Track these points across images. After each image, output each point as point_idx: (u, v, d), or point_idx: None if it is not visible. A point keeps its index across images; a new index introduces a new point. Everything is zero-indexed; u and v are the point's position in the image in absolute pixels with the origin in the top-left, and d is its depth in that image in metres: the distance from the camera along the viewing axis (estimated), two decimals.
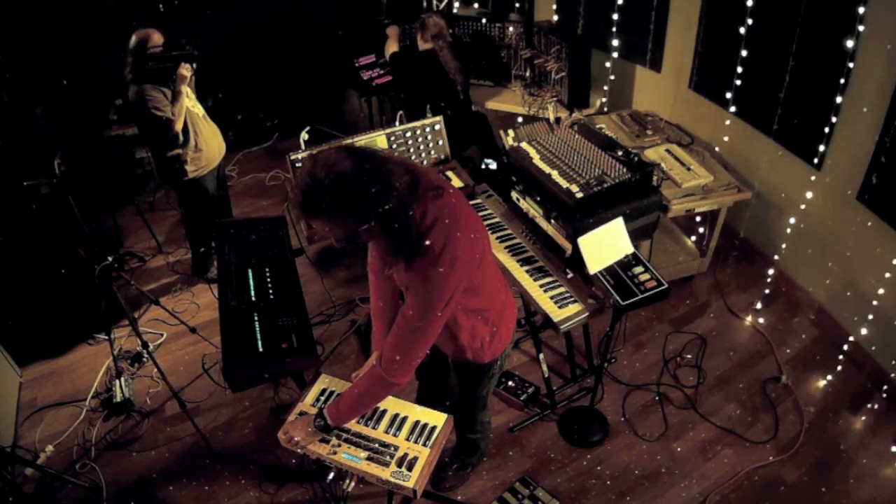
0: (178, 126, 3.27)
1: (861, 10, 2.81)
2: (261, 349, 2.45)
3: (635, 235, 2.70)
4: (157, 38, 3.17)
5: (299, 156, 3.02)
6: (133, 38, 3.15)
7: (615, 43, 4.45)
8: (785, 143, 3.46)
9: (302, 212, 1.67)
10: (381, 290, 2.16)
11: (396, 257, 1.77)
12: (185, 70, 3.19)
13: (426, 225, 1.73)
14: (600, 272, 2.52)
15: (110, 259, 2.80)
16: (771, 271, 3.69)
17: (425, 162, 3.30)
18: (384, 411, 2.13)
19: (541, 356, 3.04)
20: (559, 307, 2.57)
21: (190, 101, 3.37)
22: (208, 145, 3.51)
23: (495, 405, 3.15)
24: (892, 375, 3.10)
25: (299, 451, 2.04)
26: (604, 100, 4.62)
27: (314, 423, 2.01)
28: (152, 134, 3.33)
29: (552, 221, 2.80)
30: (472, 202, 3.09)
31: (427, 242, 1.72)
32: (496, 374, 2.30)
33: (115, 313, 3.49)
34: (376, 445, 2.02)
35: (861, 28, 2.85)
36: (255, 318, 2.57)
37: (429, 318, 1.81)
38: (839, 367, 3.29)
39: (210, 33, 5.07)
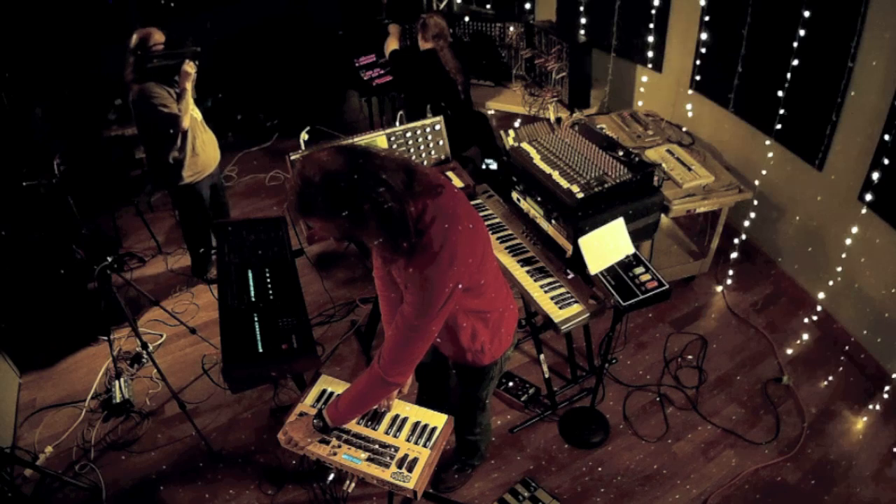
0: (186, 123, 3.24)
1: (862, 9, 2.81)
2: (261, 350, 2.45)
3: (636, 236, 2.69)
4: (158, 37, 3.15)
5: (299, 156, 3.01)
6: (134, 37, 3.13)
7: (616, 43, 4.45)
8: (786, 143, 3.45)
9: (297, 212, 1.67)
10: (389, 298, 2.15)
11: (395, 255, 1.77)
12: (190, 67, 3.17)
13: (425, 222, 1.72)
14: (601, 273, 2.51)
15: (109, 259, 2.80)
16: (772, 272, 3.68)
17: (425, 162, 3.29)
18: (384, 412, 2.12)
19: (541, 357, 3.03)
20: (560, 308, 2.56)
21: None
22: (205, 151, 3.49)
23: (496, 406, 3.15)
24: (894, 376, 3.09)
25: (299, 452, 2.03)
26: (604, 100, 4.61)
27: (313, 423, 2.00)
28: (154, 134, 3.30)
29: (553, 222, 2.79)
30: (472, 202, 3.08)
31: (426, 240, 1.71)
32: (496, 377, 2.30)
33: (115, 314, 3.48)
34: (376, 446, 2.01)
35: (862, 28, 2.84)
36: (255, 319, 2.56)
37: (427, 317, 1.80)
38: (840, 368, 3.28)
39: (210, 33, 5.07)
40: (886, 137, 2.82)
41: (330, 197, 1.60)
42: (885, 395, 3.10)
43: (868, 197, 3.01)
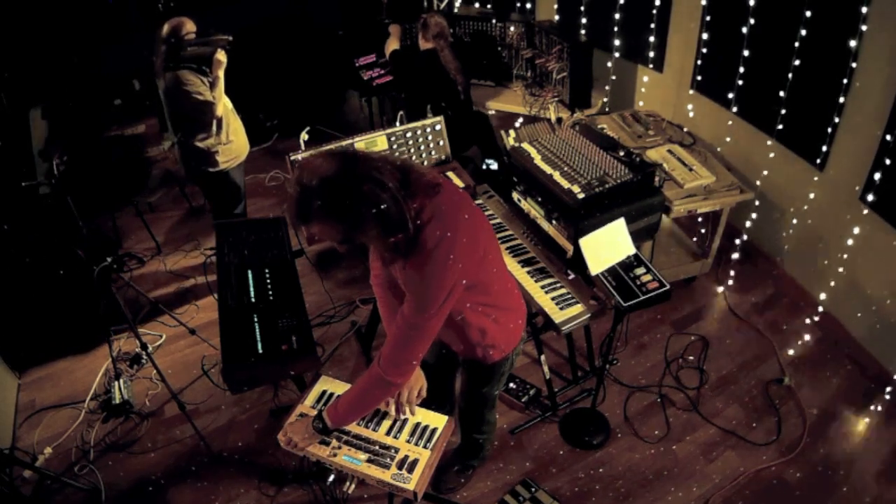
0: (220, 110, 3.26)
1: (864, 9, 2.80)
2: (260, 351, 2.44)
3: (637, 236, 2.68)
4: (190, 26, 3.17)
5: (299, 156, 3.01)
6: (166, 27, 3.13)
7: (617, 43, 4.44)
8: (787, 143, 3.45)
9: (296, 219, 1.67)
10: (389, 302, 2.16)
11: (394, 254, 1.77)
12: (222, 55, 3.20)
13: (422, 221, 1.72)
14: (602, 273, 2.50)
15: (109, 260, 2.79)
16: (773, 272, 3.67)
17: (426, 162, 3.28)
18: (385, 413, 2.12)
19: (542, 358, 3.02)
20: (560, 308, 2.56)
21: None
22: (238, 137, 3.52)
23: (497, 407, 3.13)
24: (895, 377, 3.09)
25: (299, 453, 2.02)
26: (605, 100, 4.61)
27: (313, 425, 2.00)
28: (188, 121, 3.30)
29: (553, 222, 2.79)
30: None
31: (423, 238, 1.71)
32: (506, 373, 2.29)
33: (115, 314, 3.47)
34: (377, 447, 2.00)
35: (864, 27, 2.83)
36: (255, 320, 2.55)
37: (426, 315, 1.79)
38: (842, 369, 3.28)
39: (209, 33, 5.06)
40: (888, 138, 2.81)
41: (327, 200, 1.61)
42: (887, 396, 3.09)
43: (870, 197, 3.00)
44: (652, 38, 4.18)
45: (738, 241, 3.88)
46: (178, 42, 3.12)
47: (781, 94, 3.33)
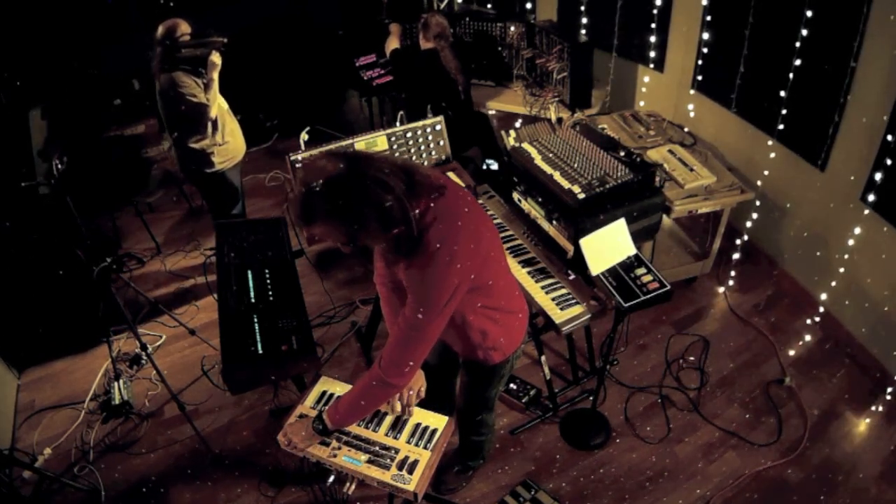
0: (214, 112, 3.26)
1: (865, 9, 2.79)
2: (260, 351, 2.43)
3: (638, 236, 2.68)
4: (184, 28, 3.17)
5: (299, 156, 3.01)
6: (160, 29, 3.13)
7: (617, 43, 4.43)
8: (788, 143, 3.44)
9: (301, 221, 1.68)
10: (392, 302, 2.16)
11: (397, 256, 1.77)
12: (217, 57, 3.19)
13: (426, 223, 1.72)
14: (602, 273, 2.50)
15: (109, 260, 2.79)
16: (774, 272, 3.67)
17: (426, 163, 3.28)
18: (385, 414, 2.11)
19: (542, 358, 3.02)
20: (561, 309, 2.55)
21: None
22: (234, 138, 3.51)
23: (497, 408, 3.13)
24: None
25: (299, 454, 2.02)
26: (606, 100, 4.60)
27: (313, 426, 1.99)
28: (183, 122, 3.29)
29: (554, 222, 2.78)
30: None
31: (426, 240, 1.71)
32: (506, 376, 2.29)
33: (114, 315, 3.46)
34: (377, 448, 2.00)
35: (864, 27, 2.83)
36: (255, 320, 2.55)
37: (428, 316, 1.79)
38: (843, 369, 3.27)
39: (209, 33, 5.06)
40: (889, 138, 2.81)
41: (332, 201, 1.61)
42: (888, 397, 3.09)
43: (870, 197, 3.00)
44: (652, 38, 4.17)
45: (738, 242, 3.88)
46: (172, 44, 3.12)
47: (782, 94, 3.32)
